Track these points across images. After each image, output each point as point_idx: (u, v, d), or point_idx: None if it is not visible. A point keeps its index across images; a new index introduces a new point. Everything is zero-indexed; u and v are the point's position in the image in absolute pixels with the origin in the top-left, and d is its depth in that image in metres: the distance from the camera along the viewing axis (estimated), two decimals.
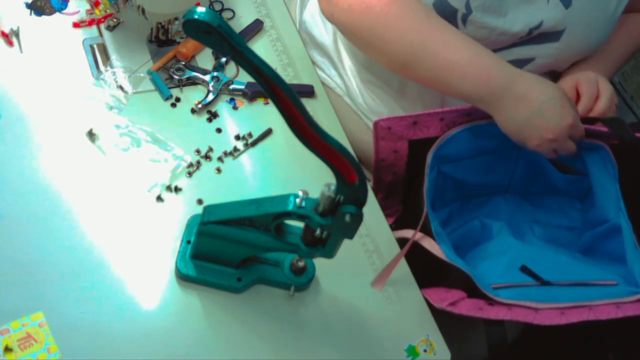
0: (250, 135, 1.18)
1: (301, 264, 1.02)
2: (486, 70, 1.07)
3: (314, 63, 1.32)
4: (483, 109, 1.09)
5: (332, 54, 1.31)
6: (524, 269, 1.12)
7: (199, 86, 1.21)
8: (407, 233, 1.10)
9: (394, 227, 1.17)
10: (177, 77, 1.20)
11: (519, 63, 1.17)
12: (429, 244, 1.07)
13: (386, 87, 1.25)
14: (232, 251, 0.99)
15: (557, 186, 1.25)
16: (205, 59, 1.24)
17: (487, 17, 1.11)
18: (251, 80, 1.16)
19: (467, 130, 1.13)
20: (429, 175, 1.11)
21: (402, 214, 1.27)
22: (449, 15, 1.11)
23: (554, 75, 1.24)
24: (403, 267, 1.10)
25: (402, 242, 1.11)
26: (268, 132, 1.19)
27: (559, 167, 1.22)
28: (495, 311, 1.02)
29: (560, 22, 1.13)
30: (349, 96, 1.31)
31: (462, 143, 1.15)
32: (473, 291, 1.06)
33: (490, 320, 1.02)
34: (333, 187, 0.86)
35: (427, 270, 1.10)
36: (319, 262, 1.03)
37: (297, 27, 1.37)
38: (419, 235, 1.08)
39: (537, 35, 1.14)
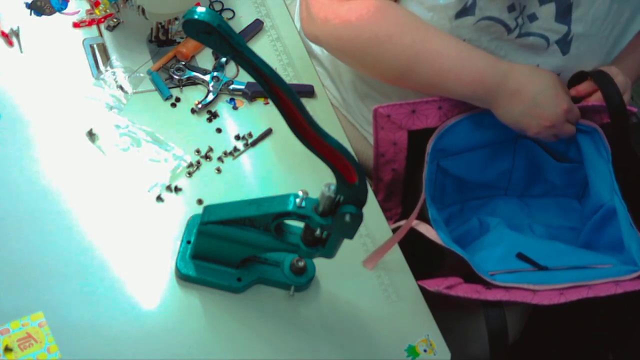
0: (250, 135, 1.18)
1: (301, 264, 1.02)
2: (480, 72, 1.09)
3: None
4: (480, 106, 1.12)
5: (328, 66, 1.31)
6: (520, 256, 1.12)
7: (199, 86, 1.21)
8: (403, 223, 1.10)
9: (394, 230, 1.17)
10: (177, 77, 1.20)
11: None
12: (425, 229, 1.08)
13: (384, 99, 1.25)
14: (232, 251, 0.99)
15: (556, 184, 1.25)
16: (205, 59, 1.24)
17: None
18: (251, 80, 1.16)
19: (466, 120, 1.15)
20: (429, 164, 1.12)
21: (401, 216, 1.27)
22: None
23: None
24: (403, 266, 1.10)
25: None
26: (268, 132, 1.19)
27: (554, 156, 1.22)
28: (493, 293, 1.02)
29: (557, 68, 1.15)
30: (345, 108, 1.31)
31: (460, 135, 1.16)
32: (470, 278, 1.06)
33: (488, 302, 1.02)
34: (333, 187, 0.86)
35: (422, 261, 1.10)
36: (319, 262, 1.03)
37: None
38: (415, 221, 1.08)
39: None
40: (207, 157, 1.14)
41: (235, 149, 1.16)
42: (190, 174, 1.12)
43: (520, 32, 1.11)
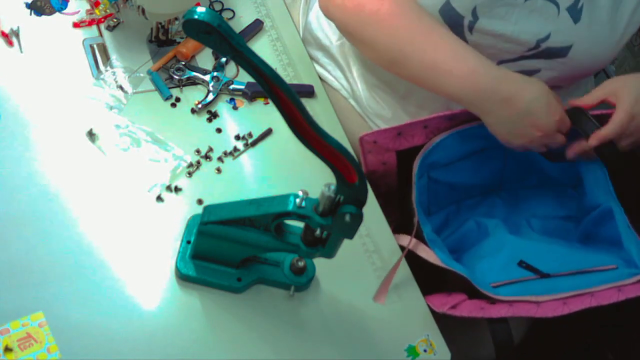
0: (250, 135, 1.18)
1: (301, 264, 1.02)
2: (472, 70, 1.07)
3: (319, 64, 1.32)
4: (471, 111, 1.10)
5: (337, 56, 1.31)
6: (522, 264, 1.12)
7: (199, 86, 1.21)
8: (403, 240, 1.10)
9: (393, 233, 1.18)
10: (177, 77, 1.20)
11: (525, 75, 1.17)
12: (424, 251, 1.08)
13: (392, 91, 1.25)
14: (232, 251, 0.99)
15: (550, 175, 1.25)
16: (205, 59, 1.24)
17: (494, 25, 1.11)
18: (251, 80, 1.16)
19: (452, 135, 1.14)
20: (417, 184, 1.12)
21: (399, 220, 1.27)
22: (455, 23, 1.11)
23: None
24: (403, 267, 1.10)
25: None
26: (268, 132, 1.19)
27: (548, 157, 1.22)
28: (497, 309, 1.02)
29: (568, 37, 1.13)
30: (354, 98, 1.31)
31: (448, 149, 1.15)
32: (474, 292, 1.06)
33: (493, 319, 1.02)
34: (333, 187, 0.86)
35: (428, 275, 1.10)
36: (319, 262, 1.03)
37: (302, 27, 1.37)
38: (413, 242, 1.08)
39: (544, 50, 1.14)
40: (207, 157, 1.14)
41: (235, 149, 1.16)
42: (190, 174, 1.12)
43: None
